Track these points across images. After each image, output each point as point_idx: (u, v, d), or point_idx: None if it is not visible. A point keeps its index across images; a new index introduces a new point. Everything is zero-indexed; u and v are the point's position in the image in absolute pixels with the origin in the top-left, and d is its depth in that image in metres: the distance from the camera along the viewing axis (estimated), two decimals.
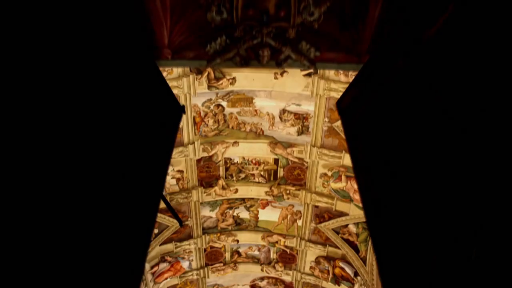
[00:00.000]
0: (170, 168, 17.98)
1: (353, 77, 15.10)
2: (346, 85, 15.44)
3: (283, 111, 16.74)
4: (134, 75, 2.33)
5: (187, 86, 15.70)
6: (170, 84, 15.51)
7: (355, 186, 17.69)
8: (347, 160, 17.15)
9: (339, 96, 15.59)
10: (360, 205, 18.04)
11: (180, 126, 16.73)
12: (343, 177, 17.79)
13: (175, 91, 15.71)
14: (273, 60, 6.37)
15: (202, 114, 16.72)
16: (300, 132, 17.21)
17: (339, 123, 16.23)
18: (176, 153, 17.46)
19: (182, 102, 16.11)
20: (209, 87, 15.97)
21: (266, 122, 17.19)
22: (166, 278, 22.83)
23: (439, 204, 1.91)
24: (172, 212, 6.40)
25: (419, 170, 1.98)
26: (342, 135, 16.48)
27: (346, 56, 6.43)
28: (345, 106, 2.72)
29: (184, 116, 16.50)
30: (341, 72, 15.12)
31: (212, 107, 16.60)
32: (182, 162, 18.05)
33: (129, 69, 2.33)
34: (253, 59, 6.24)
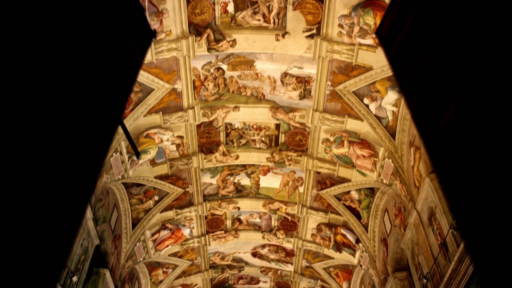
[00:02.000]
0: (170, 133, 17.69)
1: (357, 37, 14.56)
2: (350, 47, 15.04)
3: (285, 74, 16.35)
4: None
5: (186, 48, 15.28)
6: (169, 46, 15.11)
7: (358, 152, 17.43)
8: (350, 125, 16.83)
9: (342, 59, 15.21)
10: (362, 171, 17.83)
11: (180, 90, 16.40)
12: (345, 143, 17.50)
13: (173, 53, 15.31)
14: None
15: (202, 77, 16.34)
16: (302, 96, 16.85)
17: (342, 86, 15.86)
18: (175, 118, 17.16)
19: (181, 65, 15.73)
20: (209, 49, 15.54)
21: (267, 86, 16.82)
22: (167, 246, 22.82)
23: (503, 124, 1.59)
24: (130, 141, 6.08)
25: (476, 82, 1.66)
26: (345, 99, 16.13)
27: None
28: (385, 31, 2.39)
29: (183, 80, 16.14)
30: (344, 33, 14.68)
31: (212, 70, 16.21)
32: (182, 127, 17.75)
33: None
34: None
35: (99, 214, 16.90)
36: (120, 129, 16.25)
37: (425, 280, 13.82)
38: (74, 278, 13.81)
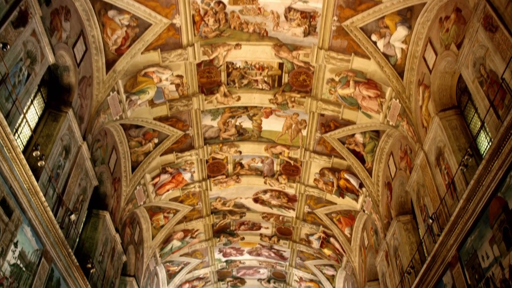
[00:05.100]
0: (169, 72, 17.03)
1: None
2: None
3: (289, 9, 15.47)
4: None
5: None
6: None
7: (364, 92, 16.77)
8: (356, 63, 16.12)
9: None
10: (368, 112, 17.28)
11: (178, 25, 15.63)
12: (351, 83, 16.84)
13: None
14: None
15: (202, 12, 15.49)
16: (306, 33, 16.04)
17: (349, 22, 15.04)
18: (174, 55, 16.44)
19: None
20: None
21: (271, 22, 16.00)
22: (168, 190, 22.56)
23: None
24: None
25: None
26: (352, 35, 15.34)
27: None
28: None
29: (182, 15, 15.29)
30: None
31: (212, 4, 15.33)
32: (181, 66, 17.06)
33: None
34: None
35: (97, 155, 16.50)
36: (117, 67, 15.61)
37: (430, 221, 13.49)
38: (72, 217, 13.50)
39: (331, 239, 25.81)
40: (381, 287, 20.11)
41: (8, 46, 9.35)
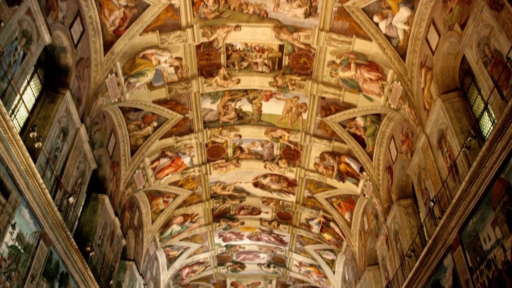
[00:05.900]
0: (168, 54, 16.80)
1: None
2: None
3: None
4: None
5: None
6: None
7: (365, 75, 16.57)
8: (357, 45, 15.88)
9: None
10: (369, 95, 17.09)
11: (177, 6, 15.38)
12: (352, 65, 16.63)
13: None
14: None
15: None
16: (307, 14, 15.79)
17: (350, 2, 14.79)
18: (173, 37, 16.20)
19: None
20: None
21: (271, 3, 15.73)
22: (167, 174, 22.43)
23: None
24: None
25: None
26: (353, 16, 15.10)
27: None
28: None
29: None
30: None
31: None
32: (180, 48, 16.83)
33: None
34: None
35: (95, 138, 16.34)
36: (115, 49, 15.38)
37: (432, 203, 13.37)
38: (71, 199, 13.39)
39: (331, 224, 25.75)
40: (381, 271, 20.10)
41: (2, 24, 9.15)
